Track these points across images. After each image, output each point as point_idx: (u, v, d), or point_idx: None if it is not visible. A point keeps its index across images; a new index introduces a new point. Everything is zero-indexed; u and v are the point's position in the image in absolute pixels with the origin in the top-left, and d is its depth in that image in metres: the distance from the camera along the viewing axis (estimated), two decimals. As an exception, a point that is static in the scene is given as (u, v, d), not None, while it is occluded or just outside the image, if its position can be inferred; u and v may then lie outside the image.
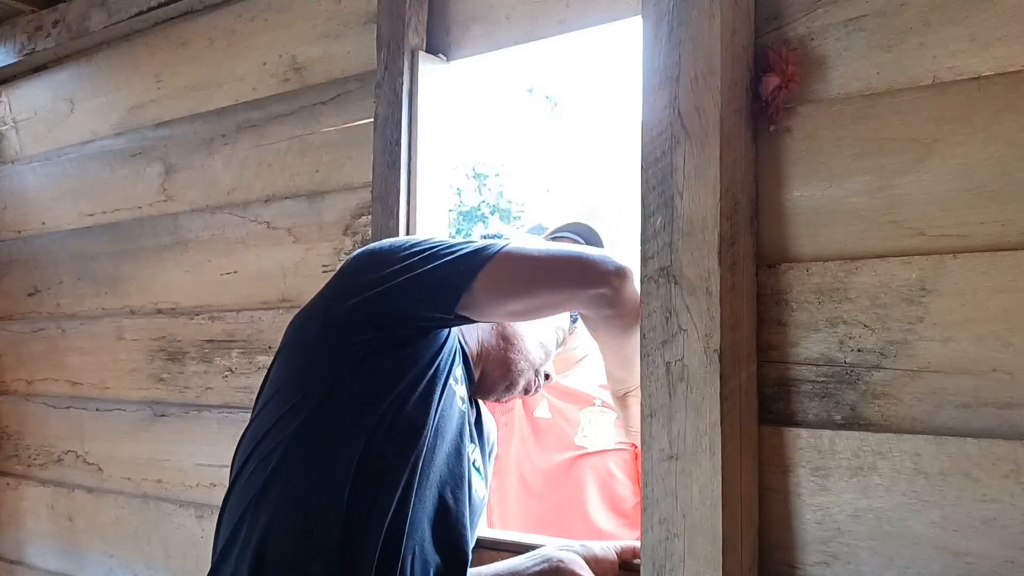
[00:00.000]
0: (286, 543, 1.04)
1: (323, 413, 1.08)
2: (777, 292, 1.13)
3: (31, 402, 2.28)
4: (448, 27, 1.57)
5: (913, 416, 1.04)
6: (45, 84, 2.30)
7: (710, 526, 1.04)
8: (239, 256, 1.84)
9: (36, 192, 2.31)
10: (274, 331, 1.76)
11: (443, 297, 1.08)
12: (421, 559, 1.13)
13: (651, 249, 1.10)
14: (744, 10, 1.13)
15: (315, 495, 1.06)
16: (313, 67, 1.75)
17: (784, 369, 1.12)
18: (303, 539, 1.05)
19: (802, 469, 1.10)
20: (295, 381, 1.12)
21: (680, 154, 1.09)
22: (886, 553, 1.04)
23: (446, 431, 1.17)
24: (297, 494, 1.07)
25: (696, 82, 1.08)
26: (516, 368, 1.32)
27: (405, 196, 1.53)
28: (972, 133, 1.02)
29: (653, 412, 1.09)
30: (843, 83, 1.10)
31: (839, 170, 1.10)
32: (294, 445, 1.08)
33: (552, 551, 1.23)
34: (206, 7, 1.94)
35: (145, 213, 2.03)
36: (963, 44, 1.03)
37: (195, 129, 1.95)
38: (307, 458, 1.08)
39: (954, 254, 1.02)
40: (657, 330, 1.09)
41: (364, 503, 1.06)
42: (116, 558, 2.03)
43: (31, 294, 2.30)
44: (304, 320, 1.17)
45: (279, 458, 1.07)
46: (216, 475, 1.84)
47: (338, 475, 1.06)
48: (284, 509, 1.06)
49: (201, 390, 1.89)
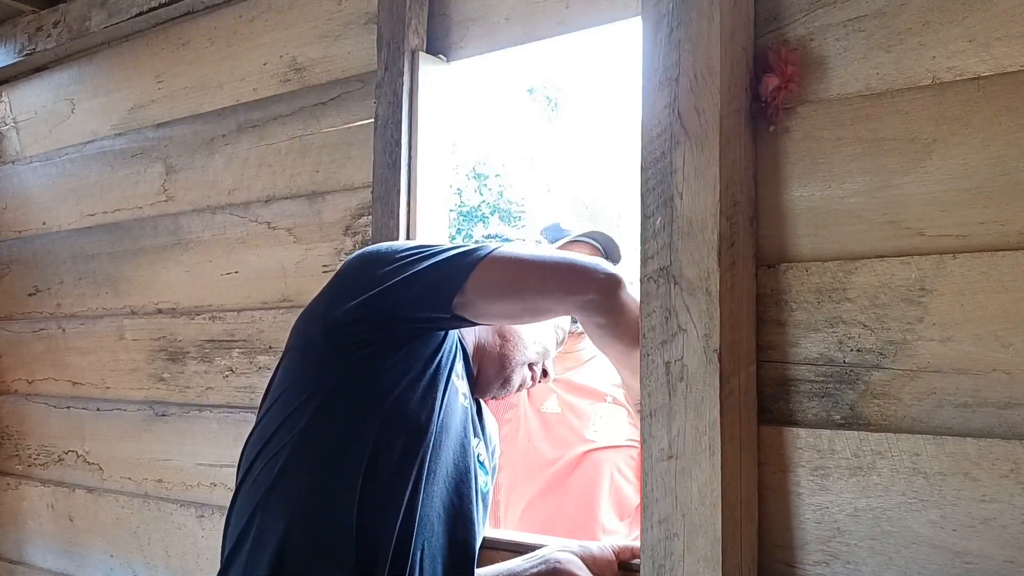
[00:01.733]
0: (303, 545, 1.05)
1: (327, 414, 1.09)
2: (776, 292, 1.13)
3: (32, 402, 2.28)
4: (448, 28, 1.57)
5: (912, 416, 1.04)
6: (46, 84, 2.30)
7: (710, 526, 1.04)
8: (240, 256, 1.85)
9: (37, 192, 2.32)
10: (275, 331, 1.77)
11: (437, 298, 1.09)
12: (430, 555, 1.14)
13: (651, 249, 1.11)
14: (744, 11, 1.13)
15: (327, 497, 1.07)
16: (313, 67, 1.75)
17: (783, 369, 1.12)
18: (320, 540, 1.06)
19: (801, 469, 1.10)
20: (299, 383, 1.13)
21: (680, 154, 1.09)
22: (885, 552, 1.04)
23: (450, 427, 1.18)
24: (309, 495, 1.08)
25: (696, 83, 1.08)
26: (511, 365, 1.33)
27: (405, 196, 1.53)
28: (971, 133, 1.02)
29: (653, 412, 1.09)
30: (842, 83, 1.11)
31: (838, 170, 1.10)
32: (300, 446, 1.09)
33: (550, 552, 1.24)
34: (207, 7, 1.94)
35: (146, 213, 2.04)
36: (962, 44, 1.03)
37: (196, 129, 1.95)
38: (314, 459, 1.09)
39: (953, 254, 1.02)
40: (657, 330, 1.10)
41: (375, 503, 1.07)
42: (116, 558, 2.03)
43: (32, 294, 2.30)
44: (306, 322, 1.18)
45: (286, 459, 1.08)
46: (217, 475, 1.84)
47: (348, 476, 1.07)
48: (299, 511, 1.07)
49: (202, 390, 1.89)
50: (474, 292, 1.09)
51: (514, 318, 1.25)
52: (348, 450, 1.08)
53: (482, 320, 1.15)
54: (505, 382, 1.34)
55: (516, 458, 1.91)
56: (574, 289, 1.14)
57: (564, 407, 1.91)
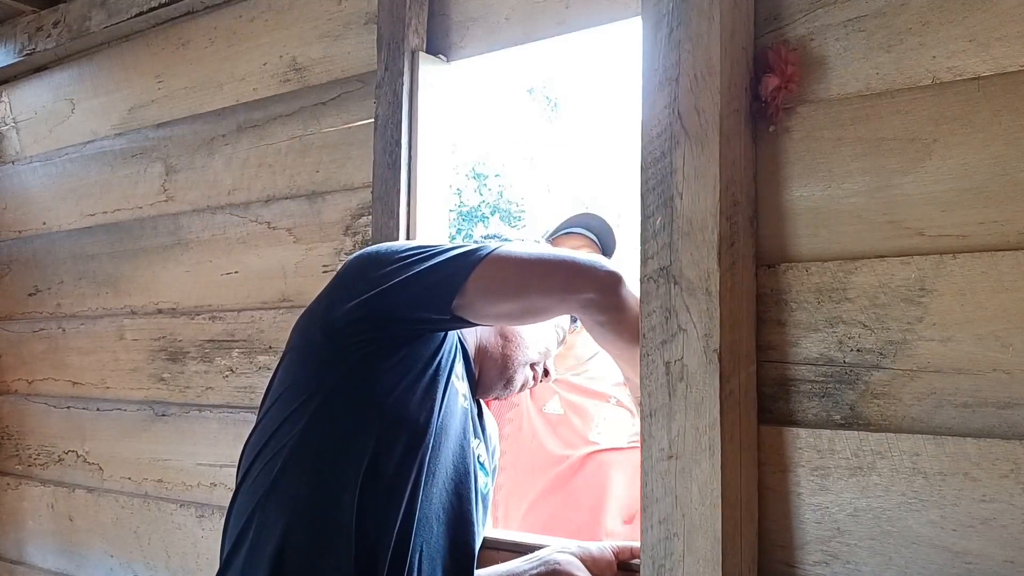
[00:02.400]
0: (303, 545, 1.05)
1: (326, 415, 1.09)
2: (776, 292, 1.13)
3: (32, 402, 2.28)
4: (448, 28, 1.57)
5: (912, 416, 1.04)
6: (46, 84, 2.31)
7: (710, 525, 1.04)
8: (240, 256, 1.85)
9: (37, 192, 2.32)
10: (275, 331, 1.77)
11: (436, 299, 1.09)
12: (429, 556, 1.14)
13: (651, 249, 1.11)
14: (744, 11, 1.13)
15: (326, 497, 1.07)
16: (313, 67, 1.75)
17: (783, 369, 1.12)
18: (319, 541, 1.06)
19: (801, 469, 1.10)
20: (299, 383, 1.13)
21: (680, 154, 1.09)
22: (885, 552, 1.04)
23: (450, 428, 1.18)
24: (308, 496, 1.08)
25: (696, 83, 1.08)
26: (514, 365, 1.33)
27: (405, 196, 1.53)
28: (971, 133, 1.02)
29: (653, 412, 1.09)
30: (842, 83, 1.11)
31: (838, 170, 1.10)
32: (299, 446, 1.09)
33: (549, 554, 1.24)
34: (207, 7, 1.94)
35: (146, 213, 2.04)
36: (962, 44, 1.03)
37: (196, 129, 1.95)
38: (313, 460, 1.09)
39: (953, 254, 1.02)
40: (657, 330, 1.09)
41: (375, 504, 1.07)
42: (116, 558, 2.03)
43: (32, 294, 2.30)
44: (306, 323, 1.18)
45: (285, 459, 1.08)
46: (217, 475, 1.84)
47: (347, 477, 1.07)
48: (298, 511, 1.07)
49: (202, 390, 1.89)
50: (474, 293, 1.09)
51: (515, 318, 1.25)
52: (347, 451, 1.08)
53: (482, 321, 1.15)
54: (508, 383, 1.34)
55: (518, 458, 1.91)
56: (574, 288, 1.14)
57: (567, 408, 1.91)
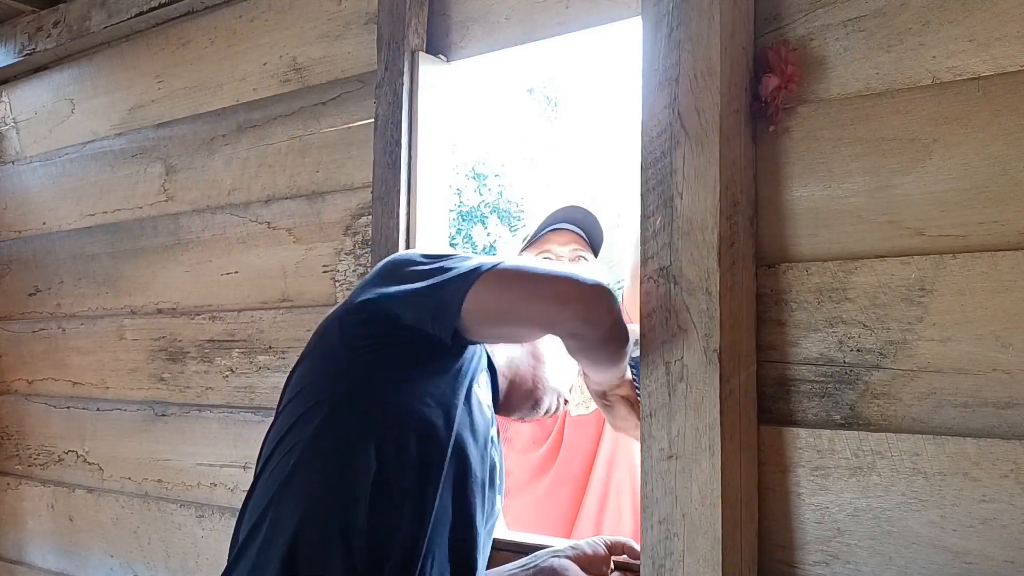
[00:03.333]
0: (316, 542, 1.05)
1: (340, 414, 1.09)
2: (776, 292, 1.13)
3: (32, 402, 2.28)
4: (448, 28, 1.57)
5: (912, 416, 1.04)
6: (45, 84, 2.31)
7: (710, 526, 1.04)
8: (240, 256, 1.85)
9: (37, 192, 2.32)
10: (275, 331, 1.77)
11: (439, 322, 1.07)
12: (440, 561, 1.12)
13: (651, 249, 1.11)
14: (743, 11, 1.13)
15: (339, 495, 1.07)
16: (313, 67, 1.75)
17: (783, 369, 1.12)
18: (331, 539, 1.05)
19: (801, 469, 1.10)
20: (316, 382, 1.13)
21: (680, 154, 1.09)
22: (885, 552, 1.04)
23: (470, 436, 1.16)
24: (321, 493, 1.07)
25: (696, 83, 1.08)
26: (544, 387, 1.32)
27: (405, 196, 1.53)
28: (971, 133, 1.02)
29: (653, 412, 1.09)
30: (842, 83, 1.11)
31: (838, 170, 1.10)
32: (313, 443, 1.09)
33: (543, 557, 1.24)
34: (207, 7, 1.94)
35: (146, 213, 2.04)
36: (962, 44, 1.03)
37: (196, 129, 1.95)
38: (326, 458, 1.08)
39: (953, 254, 1.02)
40: (657, 330, 1.09)
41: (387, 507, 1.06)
42: (116, 558, 2.03)
43: (32, 294, 2.30)
44: (326, 324, 1.18)
45: (299, 456, 1.08)
46: (217, 475, 1.84)
47: (359, 476, 1.06)
48: (312, 507, 1.07)
49: (202, 390, 1.89)
50: (468, 318, 1.06)
51: (507, 341, 1.27)
52: (359, 450, 1.07)
53: (484, 342, 1.15)
54: (536, 404, 1.33)
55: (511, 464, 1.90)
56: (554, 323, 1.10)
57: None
